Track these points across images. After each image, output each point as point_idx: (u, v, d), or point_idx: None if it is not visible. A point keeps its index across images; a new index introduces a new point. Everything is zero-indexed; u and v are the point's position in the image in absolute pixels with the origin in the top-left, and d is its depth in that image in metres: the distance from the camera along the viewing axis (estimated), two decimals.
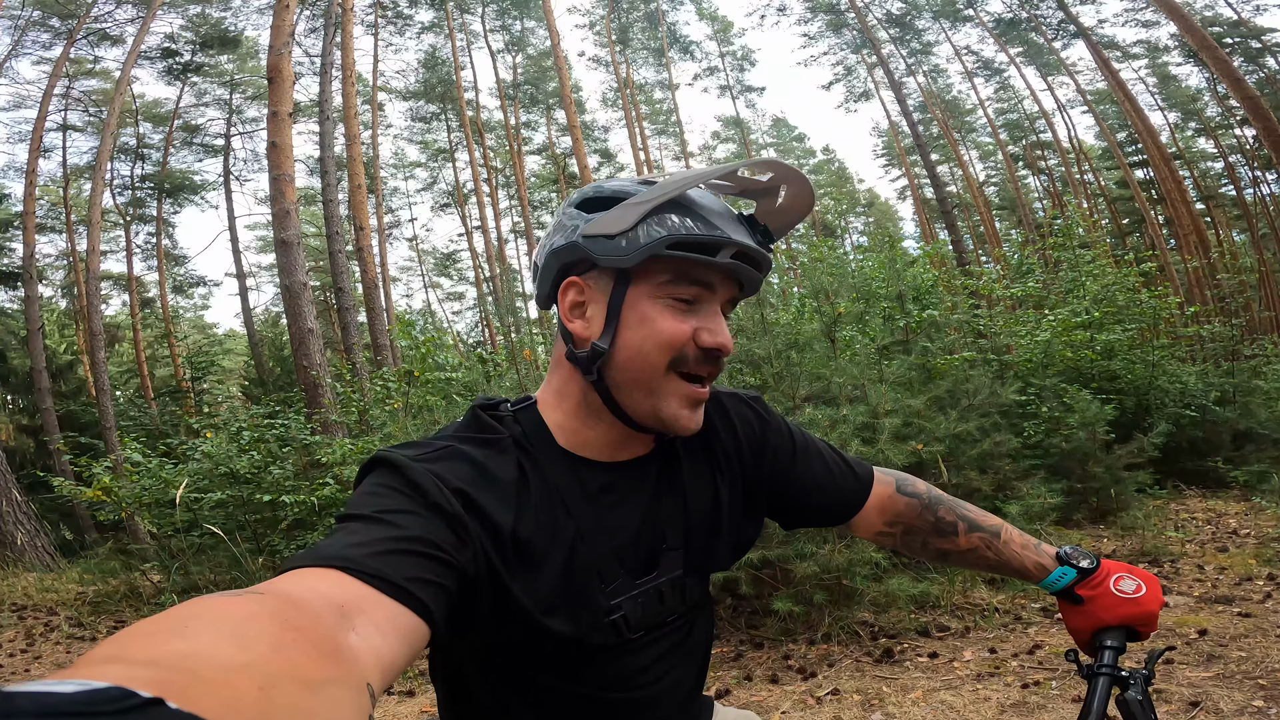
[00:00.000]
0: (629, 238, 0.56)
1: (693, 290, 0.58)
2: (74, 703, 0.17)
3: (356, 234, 10.11)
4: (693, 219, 0.57)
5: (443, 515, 0.50)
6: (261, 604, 0.32)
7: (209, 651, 0.25)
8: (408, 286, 26.71)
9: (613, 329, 0.58)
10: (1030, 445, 4.41)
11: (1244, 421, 5.37)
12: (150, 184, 16.24)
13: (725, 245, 0.57)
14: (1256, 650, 2.22)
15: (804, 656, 2.52)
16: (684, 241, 0.56)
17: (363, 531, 0.46)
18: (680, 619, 0.65)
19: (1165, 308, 6.54)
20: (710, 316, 0.60)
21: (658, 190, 0.57)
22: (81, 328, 14.40)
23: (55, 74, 12.06)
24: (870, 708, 2.10)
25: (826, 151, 30.82)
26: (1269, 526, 3.86)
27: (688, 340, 0.58)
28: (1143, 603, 0.72)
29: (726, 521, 0.68)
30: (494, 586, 0.54)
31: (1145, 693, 0.69)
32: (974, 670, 2.30)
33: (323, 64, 8.42)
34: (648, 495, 0.64)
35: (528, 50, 20.28)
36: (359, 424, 5.80)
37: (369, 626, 0.38)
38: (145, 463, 4.78)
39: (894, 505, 0.77)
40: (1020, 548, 0.77)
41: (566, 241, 0.59)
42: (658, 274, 0.58)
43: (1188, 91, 18.36)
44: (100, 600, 4.34)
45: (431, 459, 0.55)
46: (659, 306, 0.58)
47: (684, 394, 0.59)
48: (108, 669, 0.23)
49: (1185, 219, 15.00)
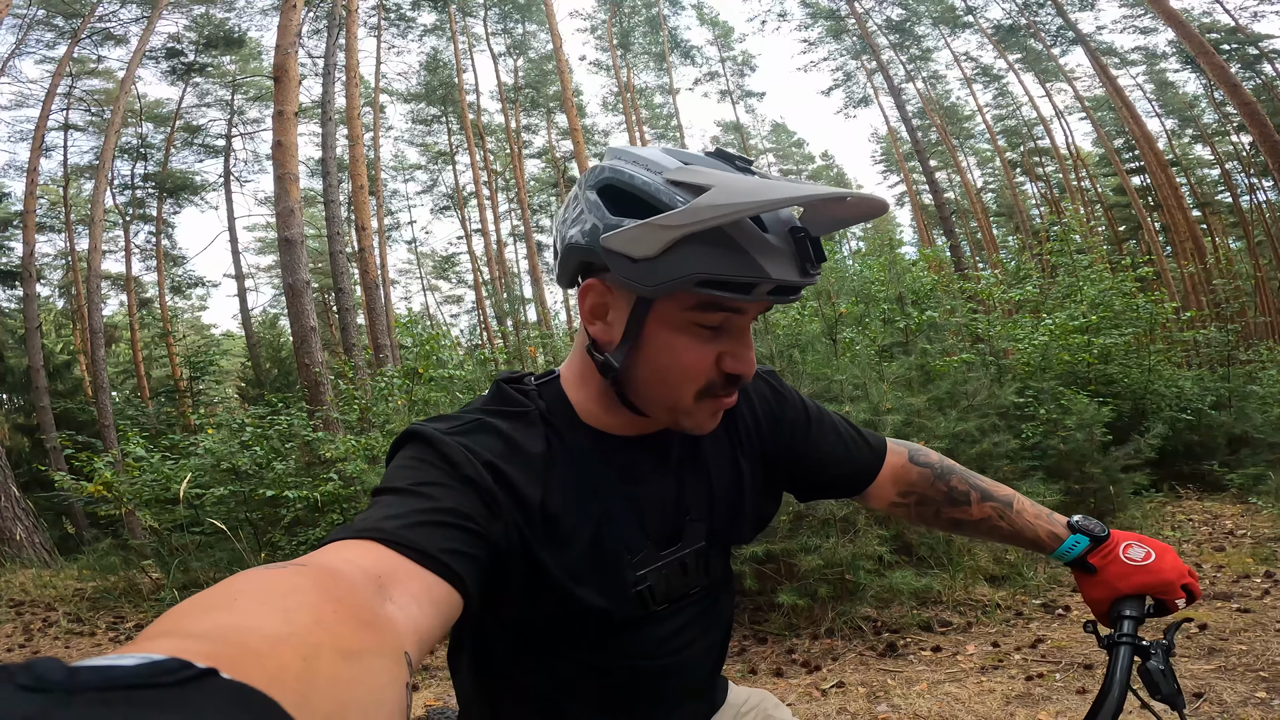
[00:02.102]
0: (653, 266, 0.51)
1: (720, 317, 0.54)
2: (136, 674, 0.18)
3: (358, 235, 10.13)
4: (729, 252, 0.50)
5: (474, 488, 0.50)
6: (304, 576, 0.33)
7: (256, 624, 0.27)
8: (406, 289, 26.77)
9: (630, 346, 0.56)
10: (1028, 446, 4.44)
11: (1239, 425, 5.41)
12: (151, 184, 16.25)
13: (762, 283, 0.51)
14: (1257, 644, 2.25)
15: (808, 650, 2.53)
16: (716, 282, 0.50)
17: (398, 504, 0.47)
18: (702, 591, 0.66)
19: (1161, 313, 6.59)
20: (737, 340, 0.56)
21: (691, 214, 0.48)
22: (79, 327, 14.37)
23: (58, 73, 12.07)
24: (876, 700, 2.12)
25: (825, 157, 30.99)
26: (1265, 527, 3.89)
27: (711, 367, 0.55)
28: (1154, 570, 0.71)
29: (748, 494, 0.68)
30: (526, 558, 0.54)
31: (1167, 662, 0.68)
32: (977, 663, 2.32)
33: (326, 65, 8.45)
34: (671, 467, 0.64)
35: (529, 54, 20.37)
36: (360, 421, 5.81)
37: (405, 596, 0.39)
38: (148, 458, 4.78)
39: (907, 475, 0.78)
40: (1033, 518, 0.77)
41: (586, 242, 0.54)
42: (685, 298, 0.53)
43: (1185, 98, 18.51)
44: (99, 596, 4.33)
45: (462, 432, 0.55)
46: (683, 336, 0.54)
47: (708, 409, 0.58)
48: (164, 642, 0.24)
49: (1182, 225, 15.12)
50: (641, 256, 0.51)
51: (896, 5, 18.38)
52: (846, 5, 15.91)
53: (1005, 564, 3.17)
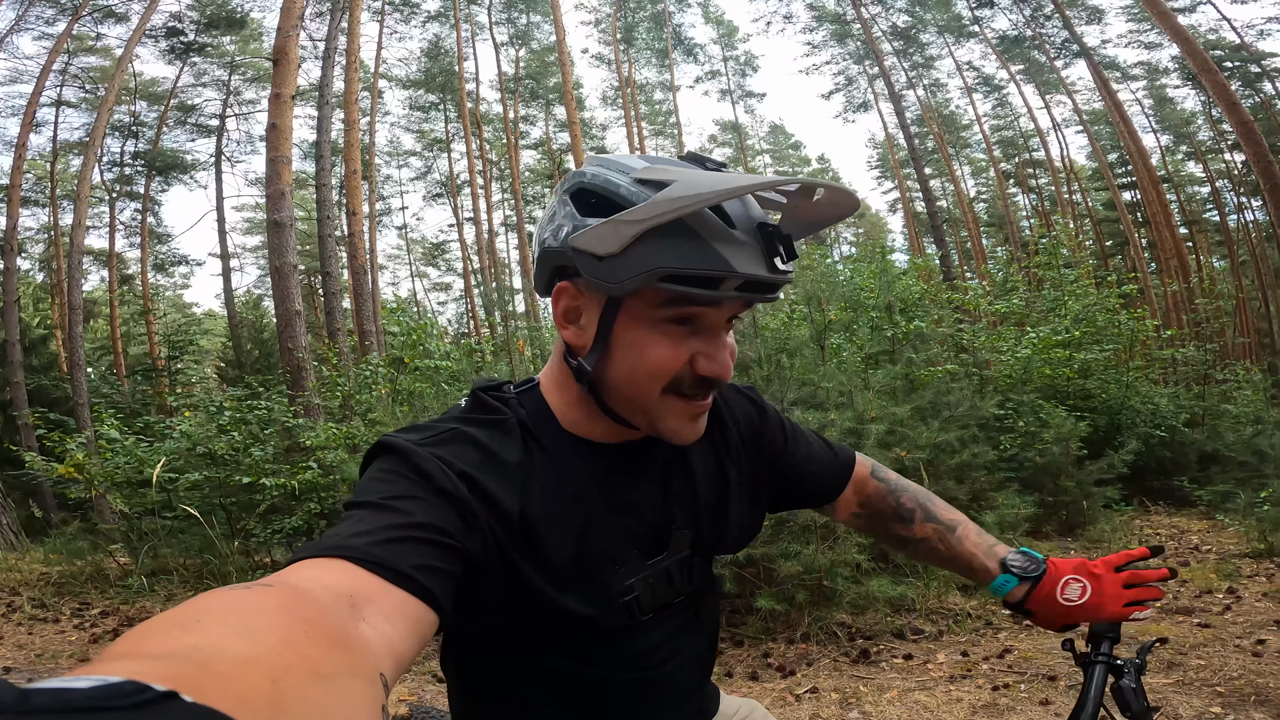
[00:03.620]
0: (618, 263, 0.50)
1: (690, 314, 0.54)
2: (90, 698, 0.17)
3: (348, 220, 10.01)
4: (692, 246, 0.49)
5: (449, 500, 0.49)
6: (271, 597, 0.32)
7: (220, 645, 0.26)
8: (394, 275, 26.54)
9: (602, 348, 0.55)
10: (1006, 458, 4.51)
11: (1211, 443, 5.52)
12: (141, 161, 15.96)
13: (729, 279, 0.50)
14: (1215, 659, 2.30)
15: (783, 655, 2.56)
16: (680, 276, 0.49)
17: (369, 519, 0.45)
18: (687, 600, 0.65)
19: (1142, 330, 6.70)
20: (711, 339, 0.55)
21: (653, 208, 0.48)
22: (57, 302, 14.09)
23: (56, 49, 11.84)
24: (848, 706, 2.14)
25: (821, 160, 31.09)
26: (1230, 544, 3.98)
27: (682, 367, 0.54)
28: (1090, 608, 0.73)
29: (735, 504, 0.68)
30: (506, 568, 0.53)
31: (1138, 681, 0.72)
32: (947, 672, 2.36)
33: (327, 49, 8.35)
34: (656, 475, 0.64)
35: (531, 45, 20.23)
36: (342, 409, 5.75)
37: (378, 616, 0.38)
38: (122, 440, 4.69)
39: (866, 488, 0.80)
40: (973, 546, 0.77)
41: (557, 245, 0.54)
42: (652, 296, 0.52)
43: (1182, 115, 18.67)
44: (65, 581, 4.23)
45: (436, 443, 0.54)
46: (653, 333, 0.54)
47: (682, 411, 0.56)
48: (122, 664, 0.23)
49: (1169, 242, 15.37)
50: (606, 254, 0.51)
51: (903, 12, 18.46)
52: (853, 10, 15.94)
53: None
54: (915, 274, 7.32)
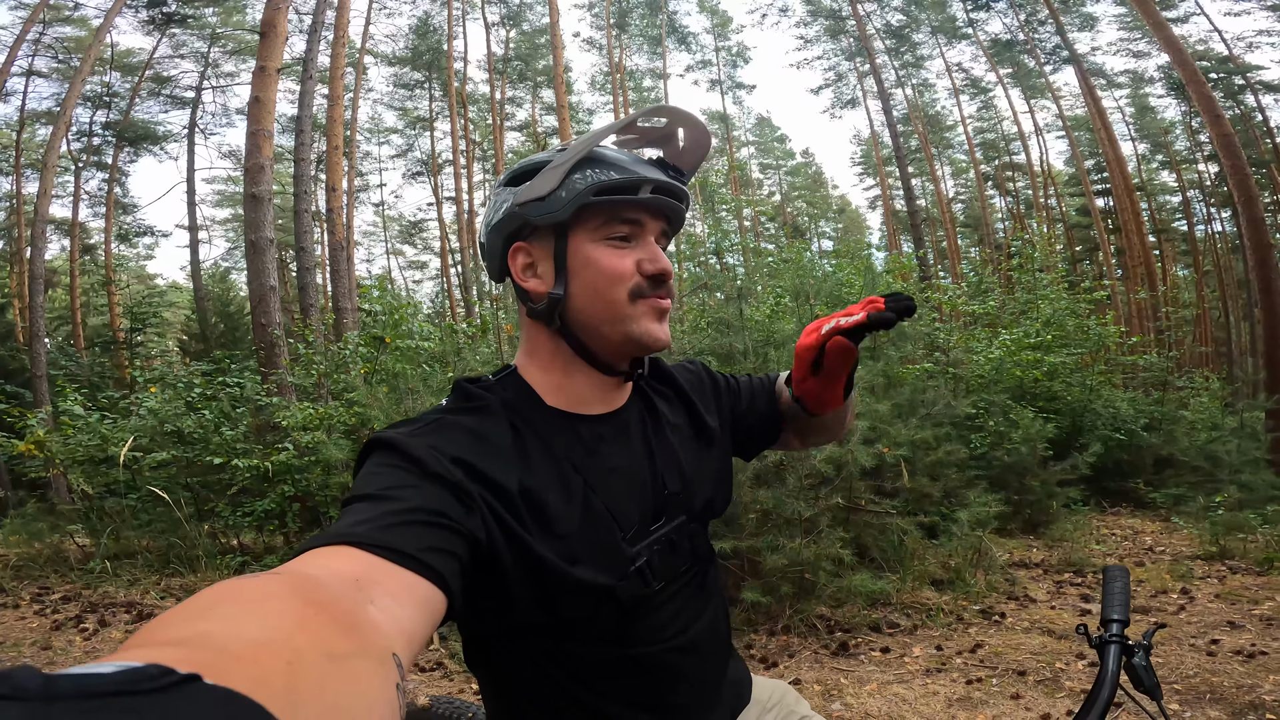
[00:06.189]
0: (557, 195, 0.62)
1: (625, 228, 0.63)
2: (115, 682, 0.18)
3: (327, 195, 9.72)
4: (610, 167, 0.62)
5: (444, 484, 0.51)
6: (281, 583, 0.33)
7: (235, 630, 0.26)
8: (369, 251, 25.97)
9: (564, 277, 0.63)
10: (976, 456, 4.63)
11: (1167, 448, 5.73)
12: (110, 132, 15.23)
13: (644, 183, 0.62)
14: (1172, 658, 2.41)
15: (765, 647, 2.60)
16: (607, 187, 0.61)
17: (368, 509, 0.47)
18: (691, 568, 0.68)
19: (1109, 335, 6.91)
20: (647, 247, 0.65)
21: (572, 150, 0.62)
22: (15, 270, 13.43)
23: (31, 19, 11.16)
24: (830, 698, 2.19)
25: (806, 155, 31.26)
26: (1183, 545, 4.17)
27: (633, 272, 0.63)
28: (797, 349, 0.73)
29: (712, 463, 0.73)
30: (516, 549, 0.54)
31: (1148, 659, 0.80)
32: (923, 665, 2.42)
33: (314, 22, 8.05)
34: (639, 441, 0.67)
35: (523, 26, 19.79)
36: (316, 387, 5.60)
37: (386, 598, 0.38)
38: (85, 417, 4.51)
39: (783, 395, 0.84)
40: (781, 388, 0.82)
41: (505, 214, 0.65)
42: (591, 220, 0.63)
43: (1161, 124, 19.14)
44: (22, 564, 4.05)
45: (425, 432, 0.56)
46: (599, 248, 0.63)
47: (649, 310, 0.64)
48: (141, 653, 0.23)
49: (1138, 250, 15.80)
50: (548, 192, 0.62)
51: (898, 11, 18.51)
52: (848, 6, 15.93)
53: (949, 569, 3.31)
54: (894, 273, 7.42)
